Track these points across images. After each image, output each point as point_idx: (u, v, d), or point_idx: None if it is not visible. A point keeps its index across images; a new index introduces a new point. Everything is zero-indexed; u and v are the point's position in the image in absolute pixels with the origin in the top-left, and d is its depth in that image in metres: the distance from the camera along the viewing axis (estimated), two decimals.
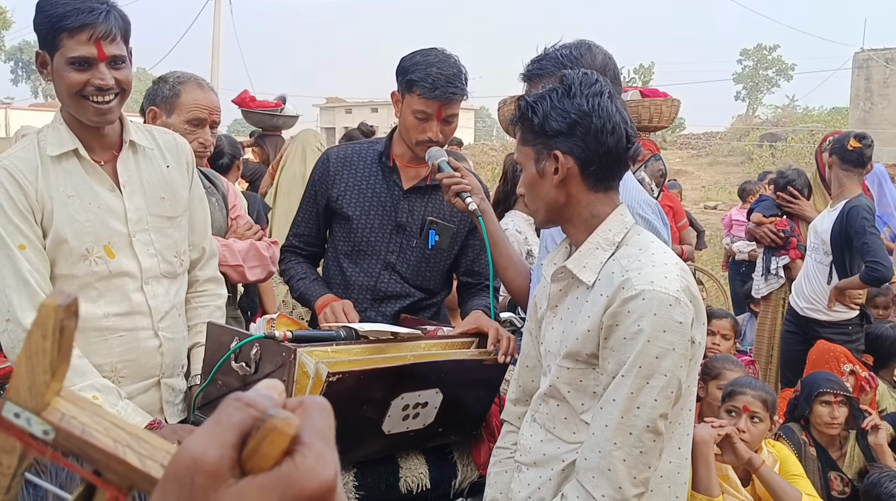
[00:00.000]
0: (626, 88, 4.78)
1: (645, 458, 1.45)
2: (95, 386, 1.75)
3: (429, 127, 2.28)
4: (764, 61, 53.77)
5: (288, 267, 2.52)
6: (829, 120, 28.09)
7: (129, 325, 1.87)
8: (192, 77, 2.48)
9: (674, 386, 1.45)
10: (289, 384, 1.68)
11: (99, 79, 1.76)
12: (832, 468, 3.26)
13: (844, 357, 3.56)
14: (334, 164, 2.48)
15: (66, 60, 1.75)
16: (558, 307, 1.65)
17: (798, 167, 5.26)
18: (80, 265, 1.81)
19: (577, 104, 1.54)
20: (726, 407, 2.76)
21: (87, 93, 1.77)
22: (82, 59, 1.75)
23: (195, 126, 2.41)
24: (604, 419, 1.48)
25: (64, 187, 1.81)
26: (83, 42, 1.73)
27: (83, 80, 1.76)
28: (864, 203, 3.98)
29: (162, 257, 1.94)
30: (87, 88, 1.77)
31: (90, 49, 1.74)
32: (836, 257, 3.99)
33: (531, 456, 1.65)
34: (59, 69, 1.77)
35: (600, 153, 1.55)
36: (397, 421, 1.86)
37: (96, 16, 1.73)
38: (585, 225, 1.60)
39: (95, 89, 1.76)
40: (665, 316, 1.43)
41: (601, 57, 1.95)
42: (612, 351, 1.48)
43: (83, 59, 1.75)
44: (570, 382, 1.58)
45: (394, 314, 2.41)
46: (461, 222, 2.47)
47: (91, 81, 1.76)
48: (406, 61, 2.32)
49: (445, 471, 2.07)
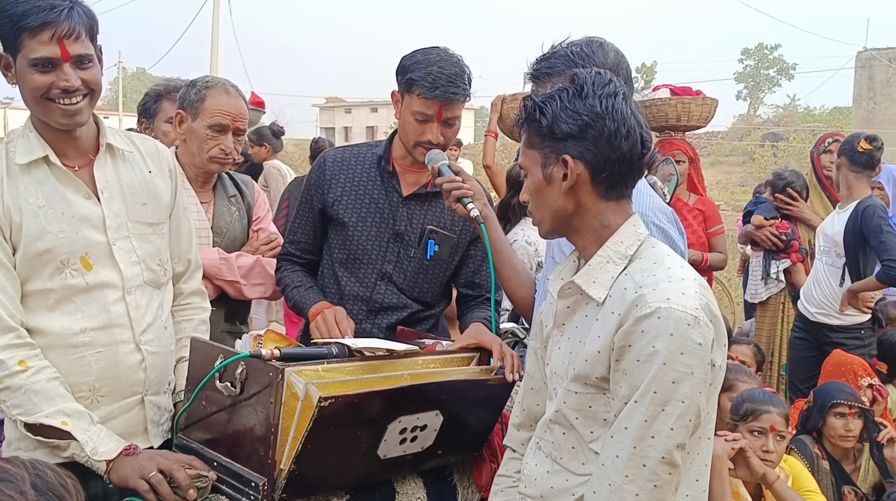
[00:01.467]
0: (656, 87, 4.65)
1: (659, 493, 1.34)
2: (65, 411, 1.65)
3: (428, 129, 2.17)
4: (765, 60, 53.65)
5: (283, 275, 2.42)
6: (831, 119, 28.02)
7: (108, 340, 1.77)
8: (221, 82, 2.41)
9: (692, 413, 1.34)
10: (276, 406, 1.57)
11: (64, 80, 1.67)
12: (846, 482, 3.15)
13: (862, 369, 3.45)
14: (331, 168, 2.37)
15: (29, 62, 1.65)
16: (566, 325, 1.54)
17: (795, 169, 5.14)
18: (55, 278, 1.72)
19: (589, 105, 1.43)
20: (749, 428, 2.65)
21: (52, 95, 1.68)
22: (45, 60, 1.65)
23: (217, 132, 2.34)
24: (615, 449, 1.36)
25: (34, 198, 1.71)
26: (45, 42, 1.64)
27: (47, 82, 1.67)
28: (878, 202, 3.90)
29: (145, 265, 1.85)
30: (52, 91, 1.67)
31: (53, 49, 1.65)
32: (849, 258, 3.90)
33: (537, 489, 1.54)
34: (21, 72, 1.67)
35: (613, 159, 1.44)
36: (394, 445, 1.75)
37: (58, 13, 1.63)
38: (595, 236, 1.49)
39: (61, 91, 1.67)
40: (683, 336, 1.32)
41: (613, 55, 1.83)
42: (625, 374, 1.36)
43: (46, 60, 1.65)
44: (578, 408, 1.46)
45: (389, 326, 2.31)
46: (462, 231, 2.35)
47: (56, 83, 1.67)
48: (406, 60, 2.22)
49: (445, 495, 1.96)
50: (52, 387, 1.67)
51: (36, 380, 1.65)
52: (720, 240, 4.44)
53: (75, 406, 1.68)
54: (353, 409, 1.60)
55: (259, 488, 1.58)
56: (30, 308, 1.72)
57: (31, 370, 1.65)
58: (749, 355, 3.93)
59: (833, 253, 4.00)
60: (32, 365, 1.66)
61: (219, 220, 2.44)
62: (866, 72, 19.51)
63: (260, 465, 1.60)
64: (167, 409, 1.93)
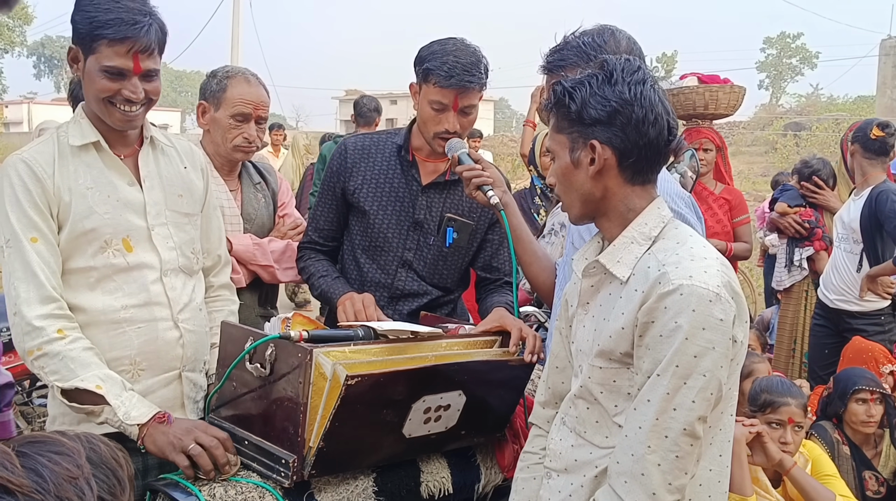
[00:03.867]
0: (683, 76, 4.64)
1: (681, 463, 1.37)
2: (99, 375, 1.73)
3: (445, 118, 2.21)
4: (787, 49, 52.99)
5: (307, 264, 2.46)
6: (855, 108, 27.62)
7: (148, 316, 1.87)
8: (242, 71, 2.45)
9: (713, 387, 1.37)
10: (305, 386, 1.61)
11: (130, 90, 1.77)
12: (867, 467, 3.16)
13: (884, 356, 3.44)
14: (352, 155, 2.41)
15: (101, 67, 1.75)
16: (590, 304, 1.57)
17: (822, 157, 5.10)
18: (98, 257, 1.82)
19: (618, 92, 1.46)
20: (768, 420, 2.65)
21: (115, 100, 1.78)
22: (117, 70, 1.76)
23: (240, 121, 2.39)
24: (637, 420, 1.40)
25: (83, 179, 1.82)
26: (121, 54, 1.74)
27: (114, 88, 1.77)
28: (892, 187, 3.89)
29: (180, 251, 1.95)
30: (116, 96, 1.78)
31: (126, 62, 1.75)
32: (866, 244, 3.89)
33: (561, 462, 1.57)
34: (91, 72, 1.77)
35: (641, 145, 1.46)
36: (419, 425, 1.80)
37: (139, 29, 1.73)
38: (621, 219, 1.52)
39: (124, 100, 1.78)
40: (705, 312, 1.35)
41: (625, 42, 1.86)
42: (648, 349, 1.40)
43: (118, 70, 1.76)
44: (602, 382, 1.50)
45: (410, 312, 2.35)
46: (480, 218, 2.39)
47: (122, 92, 1.77)
48: (423, 51, 2.25)
49: (468, 475, 2.00)
50: (88, 356, 1.74)
51: (72, 347, 1.73)
52: (745, 230, 4.43)
53: (109, 372, 1.75)
54: (379, 388, 1.65)
55: (290, 465, 1.63)
56: (72, 285, 1.80)
57: (69, 338, 1.73)
58: (752, 339, 3.95)
59: (850, 240, 3.99)
60: (69, 335, 1.74)
61: (247, 207, 2.50)
62: (890, 59, 19.18)
63: (290, 443, 1.65)
64: (202, 387, 2.00)
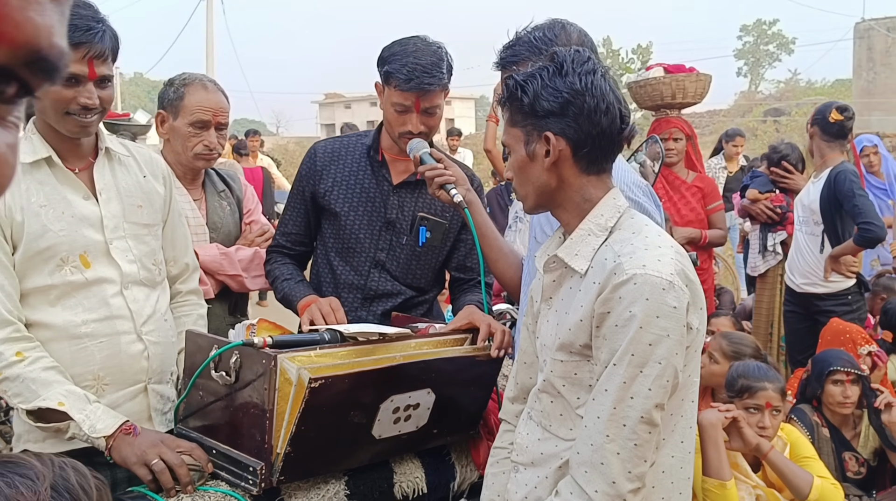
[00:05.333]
0: (649, 66, 4.66)
1: (640, 451, 1.38)
2: (61, 392, 1.71)
3: (408, 119, 2.20)
4: (764, 36, 53.27)
5: (273, 267, 2.45)
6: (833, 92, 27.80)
7: (110, 330, 1.85)
8: (199, 78, 2.43)
9: (669, 374, 1.38)
10: (270, 392, 1.61)
11: (86, 97, 1.76)
12: (846, 448, 3.18)
13: (861, 337, 3.46)
14: (321, 158, 2.40)
15: None
16: (553, 299, 1.58)
17: (790, 141, 5.14)
18: (56, 275, 1.79)
19: (569, 83, 1.47)
20: (745, 405, 2.64)
21: (72, 110, 1.77)
22: (72, 76, 1.75)
23: (199, 129, 2.36)
24: (596, 410, 1.40)
25: (36, 197, 1.79)
26: (77, 60, 1.73)
27: (70, 96, 1.76)
28: (850, 167, 3.93)
29: (141, 264, 1.92)
30: (72, 106, 1.76)
31: (82, 67, 1.75)
32: (827, 225, 3.93)
33: (528, 456, 1.58)
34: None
35: (594, 134, 1.47)
36: (388, 425, 1.79)
37: (93, 35, 1.73)
38: (577, 210, 1.53)
39: (81, 108, 1.77)
40: (658, 300, 1.36)
41: (576, 35, 1.87)
42: (605, 339, 1.41)
43: (73, 76, 1.75)
44: (564, 375, 1.50)
45: (384, 313, 2.34)
46: (453, 217, 2.38)
47: (77, 99, 1.76)
48: (385, 52, 2.24)
49: (443, 474, 2.00)
50: (49, 375, 1.72)
51: (32, 369, 1.71)
52: (719, 217, 4.45)
53: (72, 387, 1.73)
54: (344, 390, 1.64)
55: (257, 472, 1.62)
56: (31, 304, 1.78)
57: (28, 360, 1.72)
58: (728, 325, 3.97)
59: (811, 222, 4.03)
60: (29, 356, 1.72)
61: (212, 216, 2.48)
62: (865, 42, 19.34)
63: (257, 450, 1.64)
64: (170, 398, 1.98)
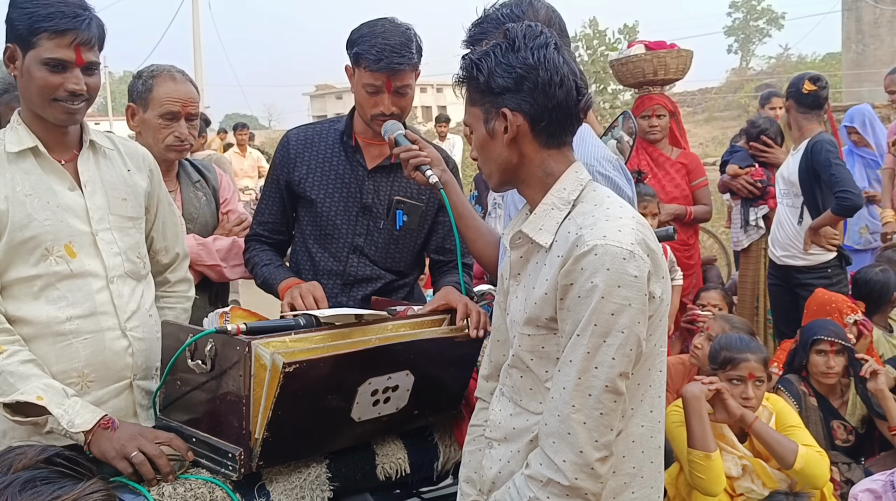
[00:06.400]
0: (631, 44, 4.63)
1: (606, 420, 1.39)
2: (40, 386, 1.71)
3: (380, 100, 2.20)
4: (754, 12, 53.05)
5: (252, 255, 2.45)
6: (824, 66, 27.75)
7: (94, 327, 1.84)
8: (167, 69, 2.42)
9: (632, 343, 1.39)
10: (246, 378, 1.61)
11: (74, 83, 1.77)
12: (834, 417, 3.20)
13: (847, 307, 3.48)
14: (294, 146, 2.40)
15: (42, 60, 1.74)
16: (521, 275, 1.58)
17: (769, 115, 5.12)
18: (40, 265, 1.79)
19: (521, 58, 1.47)
20: (728, 376, 2.66)
21: (59, 96, 1.77)
22: (59, 62, 1.75)
23: (169, 120, 2.36)
24: (562, 381, 1.41)
25: (21, 186, 1.79)
26: (63, 45, 1.74)
27: (57, 82, 1.76)
28: (826, 138, 3.93)
29: (126, 256, 1.92)
30: (59, 92, 1.76)
31: (69, 53, 1.75)
32: (806, 197, 3.94)
33: (501, 431, 1.59)
34: (30, 68, 1.76)
35: (550, 107, 1.47)
36: (367, 408, 1.80)
37: (80, 21, 1.74)
38: (541, 184, 1.53)
39: (69, 94, 1.77)
40: (619, 270, 1.36)
41: (544, 11, 1.86)
42: (568, 310, 1.41)
43: (60, 62, 1.75)
44: (531, 349, 1.51)
45: (364, 298, 2.35)
46: (430, 199, 2.38)
47: (65, 86, 1.76)
48: (353, 34, 2.24)
49: (426, 454, 2.01)
50: (27, 368, 1.72)
51: (10, 362, 1.71)
52: (704, 193, 4.44)
53: (50, 381, 1.73)
54: (319, 374, 1.65)
55: (236, 458, 1.63)
56: (15, 296, 1.78)
57: (6, 353, 1.71)
58: (719, 299, 3.99)
59: (791, 195, 4.03)
60: (7, 349, 1.72)
61: (188, 207, 2.48)
62: (853, 14, 19.28)
63: (236, 436, 1.65)
64: None
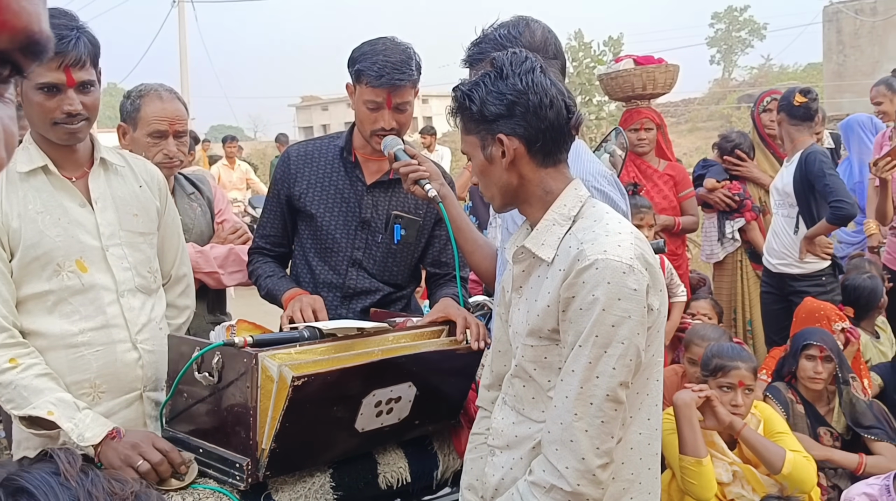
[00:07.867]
0: (618, 59, 4.72)
1: (607, 428, 1.45)
2: (51, 401, 1.74)
3: (380, 116, 2.25)
4: (736, 23, 53.62)
5: (255, 267, 2.50)
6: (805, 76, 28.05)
7: (106, 339, 1.88)
8: (154, 88, 2.46)
9: (632, 353, 1.45)
10: (253, 390, 1.65)
11: (68, 104, 1.79)
12: (821, 423, 3.26)
13: (835, 315, 3.55)
14: (295, 162, 2.45)
15: (35, 85, 1.77)
16: (523, 288, 1.64)
17: (741, 130, 5.22)
18: (53, 280, 1.83)
19: (511, 84, 1.54)
20: (719, 384, 2.72)
21: (57, 120, 1.80)
22: (51, 86, 1.77)
23: (157, 138, 2.40)
24: (564, 390, 1.47)
25: (33, 204, 1.83)
26: (52, 69, 1.76)
27: (53, 106, 1.79)
28: (819, 149, 4.01)
29: (136, 271, 1.96)
30: (56, 115, 1.79)
31: (59, 76, 1.77)
32: (802, 207, 4.01)
33: (503, 439, 1.64)
34: (28, 93, 1.80)
35: (542, 128, 1.54)
36: (371, 419, 1.84)
37: (66, 43, 1.75)
38: (541, 202, 1.60)
39: (66, 115, 1.79)
40: (619, 284, 1.43)
41: (540, 32, 1.92)
42: (570, 322, 1.47)
43: (52, 86, 1.78)
44: (534, 359, 1.57)
45: (363, 310, 2.39)
46: (427, 214, 2.43)
47: (61, 108, 1.79)
48: (355, 52, 2.29)
49: (426, 463, 2.05)
50: (41, 382, 1.75)
51: (24, 376, 1.74)
52: (691, 203, 4.51)
53: (62, 395, 1.76)
54: (327, 386, 1.69)
55: (244, 468, 1.67)
56: (29, 311, 1.82)
57: (21, 366, 1.75)
58: (709, 309, 4.06)
59: (787, 205, 4.11)
60: (22, 362, 1.76)
61: (184, 218, 2.52)
62: (834, 25, 19.57)
63: (242, 447, 1.69)
64: None
